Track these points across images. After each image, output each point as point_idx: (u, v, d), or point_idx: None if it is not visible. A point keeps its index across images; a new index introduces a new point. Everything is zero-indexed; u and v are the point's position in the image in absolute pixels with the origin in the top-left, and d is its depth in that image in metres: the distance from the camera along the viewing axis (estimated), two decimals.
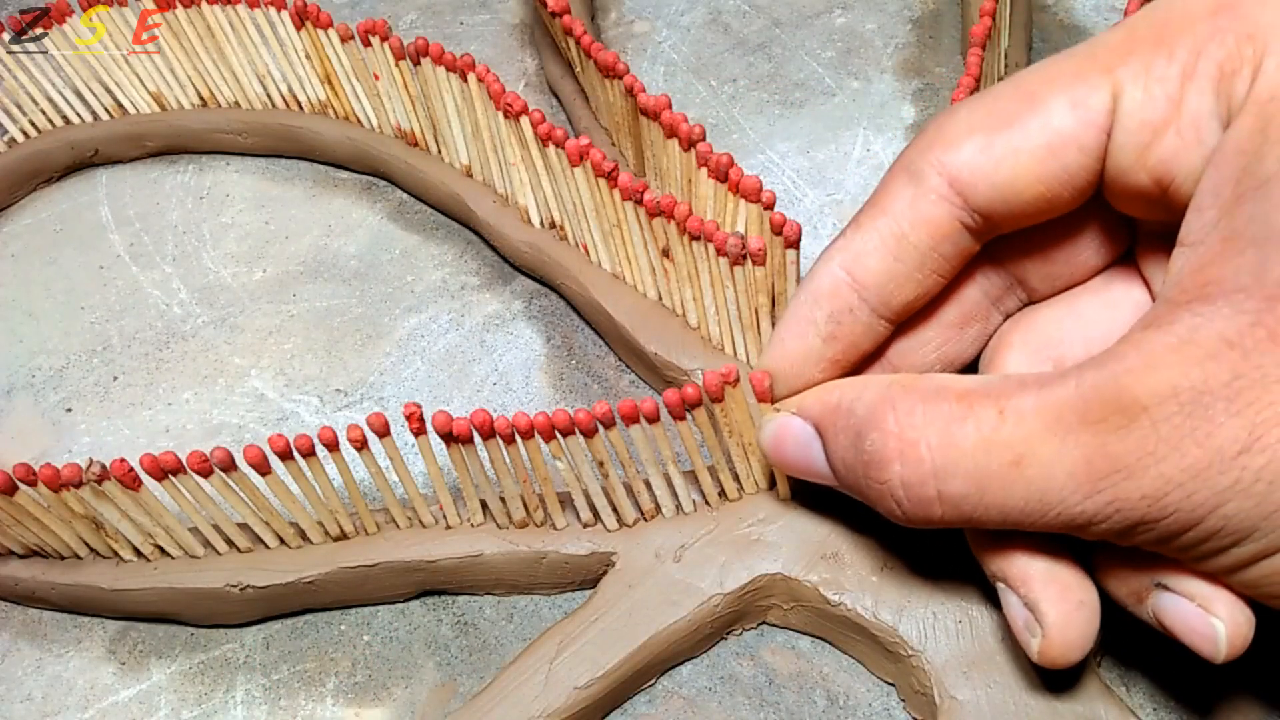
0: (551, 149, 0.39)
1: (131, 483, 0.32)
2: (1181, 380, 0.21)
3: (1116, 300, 0.29)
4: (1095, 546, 0.26)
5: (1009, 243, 0.28)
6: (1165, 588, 0.25)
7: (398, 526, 0.34)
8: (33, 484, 0.32)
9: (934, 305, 0.29)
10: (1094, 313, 0.29)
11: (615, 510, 0.33)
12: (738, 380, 0.30)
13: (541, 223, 0.43)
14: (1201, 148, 0.23)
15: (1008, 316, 0.30)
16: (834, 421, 0.26)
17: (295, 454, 0.32)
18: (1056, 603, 0.26)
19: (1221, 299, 0.22)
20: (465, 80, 0.42)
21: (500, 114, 0.41)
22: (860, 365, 0.29)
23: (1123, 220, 0.27)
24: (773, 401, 0.29)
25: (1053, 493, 0.23)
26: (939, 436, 0.23)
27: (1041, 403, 0.23)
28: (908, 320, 0.29)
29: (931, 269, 0.27)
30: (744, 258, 0.34)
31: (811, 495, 0.33)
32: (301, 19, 0.47)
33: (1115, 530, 0.23)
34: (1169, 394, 0.22)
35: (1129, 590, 0.26)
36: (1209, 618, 0.24)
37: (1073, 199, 0.25)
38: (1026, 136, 0.24)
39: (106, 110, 0.52)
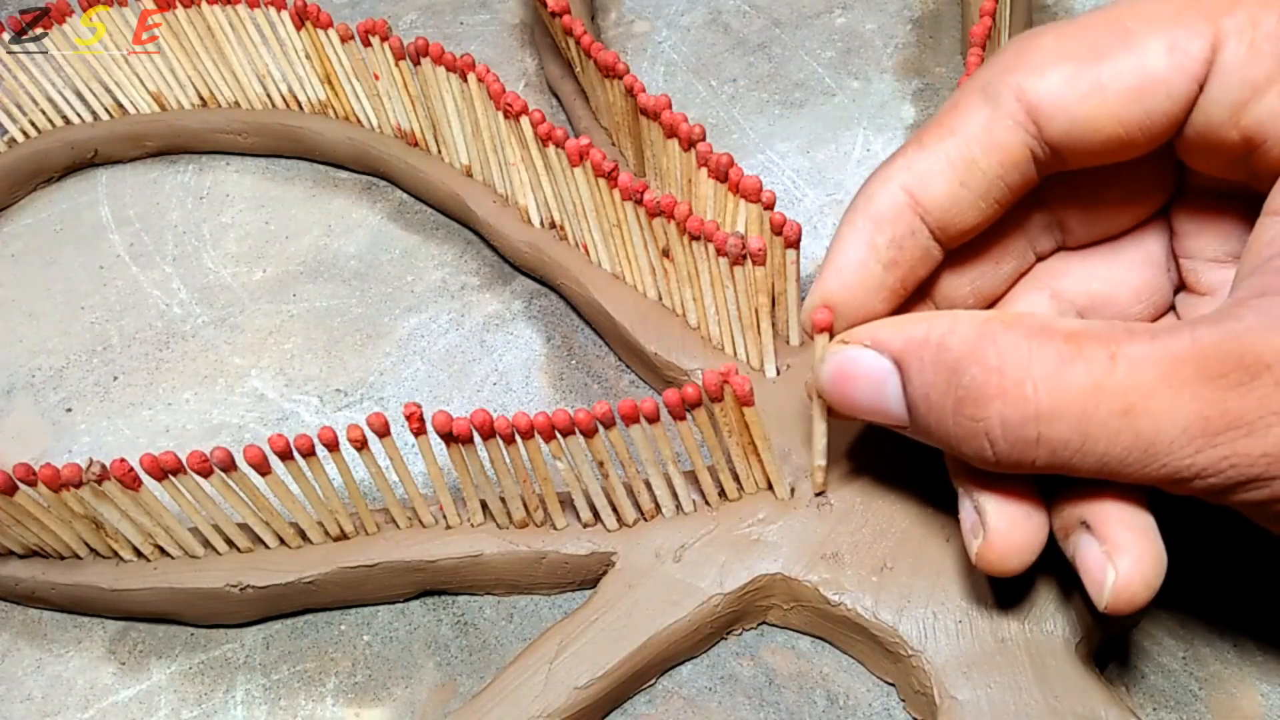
0: (551, 149, 0.39)
1: (131, 483, 0.32)
2: None
3: (1151, 258, 0.28)
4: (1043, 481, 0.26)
5: (1059, 182, 0.27)
6: (1087, 528, 0.25)
7: (398, 526, 0.34)
8: (33, 484, 0.32)
9: (976, 238, 0.27)
10: (1131, 269, 0.28)
11: (615, 510, 0.33)
12: (746, 393, 0.29)
13: (541, 223, 0.43)
14: None
15: (1040, 258, 0.29)
16: (921, 355, 0.24)
17: (295, 454, 0.32)
18: (1003, 508, 0.26)
19: None
20: (465, 80, 0.42)
21: (500, 114, 0.41)
22: (909, 300, 0.28)
23: (1172, 171, 0.27)
24: (832, 335, 0.27)
25: (1161, 445, 0.22)
26: (1046, 377, 0.22)
27: (1156, 352, 0.22)
28: (951, 252, 0.28)
29: (994, 197, 0.25)
30: (744, 258, 0.34)
31: (811, 495, 0.33)
32: (301, 19, 0.47)
33: (1221, 486, 0.23)
34: None
35: (1060, 524, 0.26)
36: (1106, 565, 0.24)
37: (1146, 144, 0.24)
38: (1116, 74, 0.23)
39: (106, 110, 0.52)
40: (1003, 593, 0.30)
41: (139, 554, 0.35)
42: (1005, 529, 0.26)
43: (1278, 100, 0.23)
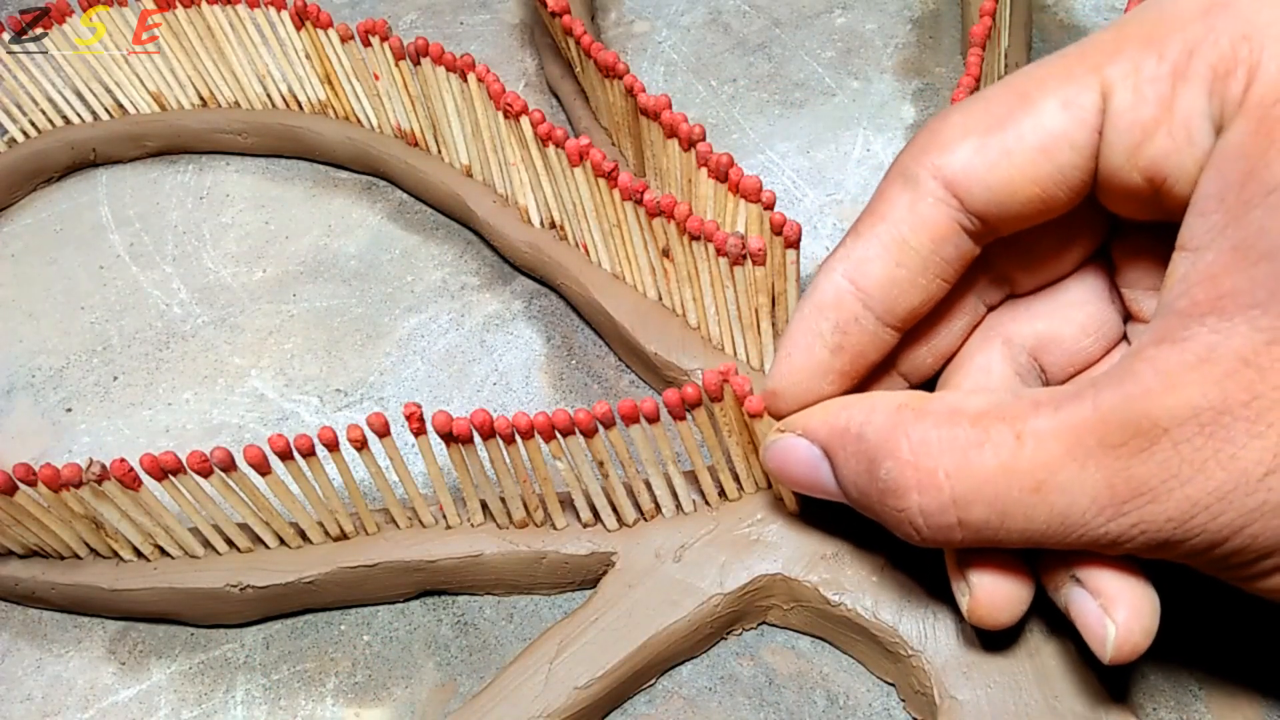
0: (551, 149, 0.39)
1: (131, 483, 0.32)
2: (1201, 400, 0.22)
3: (1094, 292, 0.29)
4: None
5: (998, 242, 0.28)
6: (1078, 581, 0.26)
7: (398, 526, 0.34)
8: (33, 484, 0.32)
9: (928, 318, 0.29)
10: (1074, 306, 0.29)
11: (615, 510, 0.33)
12: (747, 393, 0.29)
13: (541, 223, 0.43)
14: (1194, 149, 0.23)
15: (990, 307, 0.30)
16: (843, 445, 0.26)
17: (295, 454, 0.32)
18: (983, 565, 0.27)
19: (1238, 314, 0.21)
20: (465, 80, 0.42)
21: (500, 114, 0.41)
22: (868, 374, 0.29)
23: (1103, 212, 0.28)
24: (776, 419, 0.29)
25: (1075, 517, 0.23)
26: (956, 464, 0.23)
27: (1059, 425, 0.23)
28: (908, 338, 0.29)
29: (935, 273, 0.26)
30: (744, 258, 0.34)
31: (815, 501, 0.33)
32: (301, 19, 0.47)
33: (1140, 548, 0.23)
34: (1189, 415, 0.22)
35: (1048, 577, 0.27)
36: (1105, 619, 0.25)
37: (1068, 199, 0.25)
38: (1019, 137, 0.24)
39: (106, 110, 0.52)
40: None
41: (139, 554, 0.35)
42: (990, 585, 0.27)
43: (1166, 140, 0.23)
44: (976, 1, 0.49)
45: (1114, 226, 0.28)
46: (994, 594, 0.27)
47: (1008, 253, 0.29)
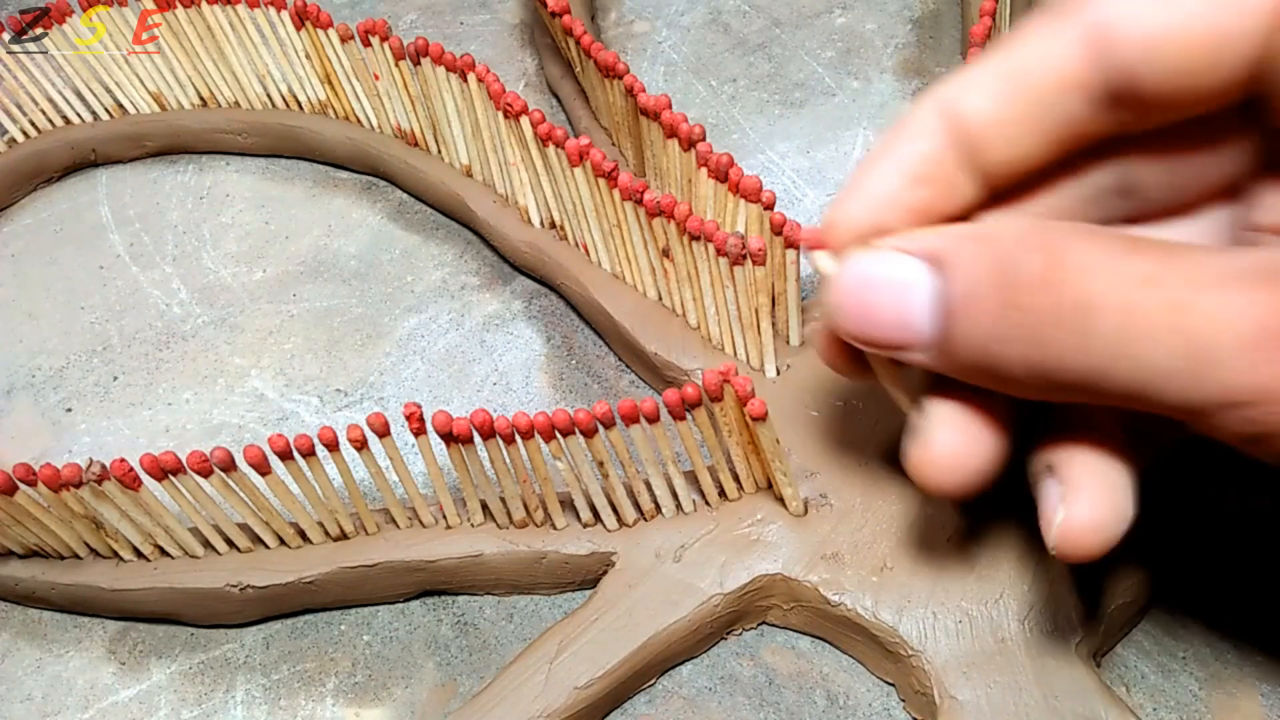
0: (551, 149, 0.39)
1: (131, 483, 0.32)
2: None
3: (1219, 231, 0.25)
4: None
5: (1124, 147, 0.24)
6: (1050, 470, 0.24)
7: (398, 526, 0.34)
8: (33, 484, 0.32)
9: (1024, 193, 0.24)
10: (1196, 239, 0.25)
11: (615, 510, 0.33)
12: (748, 393, 0.29)
13: (541, 223, 0.43)
14: None
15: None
16: (966, 249, 0.21)
17: (295, 454, 0.32)
18: (951, 417, 0.24)
19: None
20: (465, 80, 0.42)
21: (500, 114, 0.41)
22: None
23: (1251, 141, 0.24)
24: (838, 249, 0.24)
25: (1207, 350, 0.19)
26: (1102, 266, 0.20)
27: (1219, 259, 0.20)
28: (993, 204, 0.25)
29: (1047, 126, 0.22)
30: (744, 258, 0.34)
31: (813, 494, 0.33)
32: (301, 19, 0.47)
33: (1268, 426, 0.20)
34: None
35: (1031, 472, 0.25)
36: (1057, 506, 0.23)
37: (1225, 83, 0.21)
38: None
39: (106, 110, 0.52)
40: (1003, 592, 0.30)
41: (139, 554, 0.35)
42: (948, 439, 0.24)
43: None
44: (976, 1, 0.49)
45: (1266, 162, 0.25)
46: (946, 451, 0.23)
47: (1144, 148, 0.24)
